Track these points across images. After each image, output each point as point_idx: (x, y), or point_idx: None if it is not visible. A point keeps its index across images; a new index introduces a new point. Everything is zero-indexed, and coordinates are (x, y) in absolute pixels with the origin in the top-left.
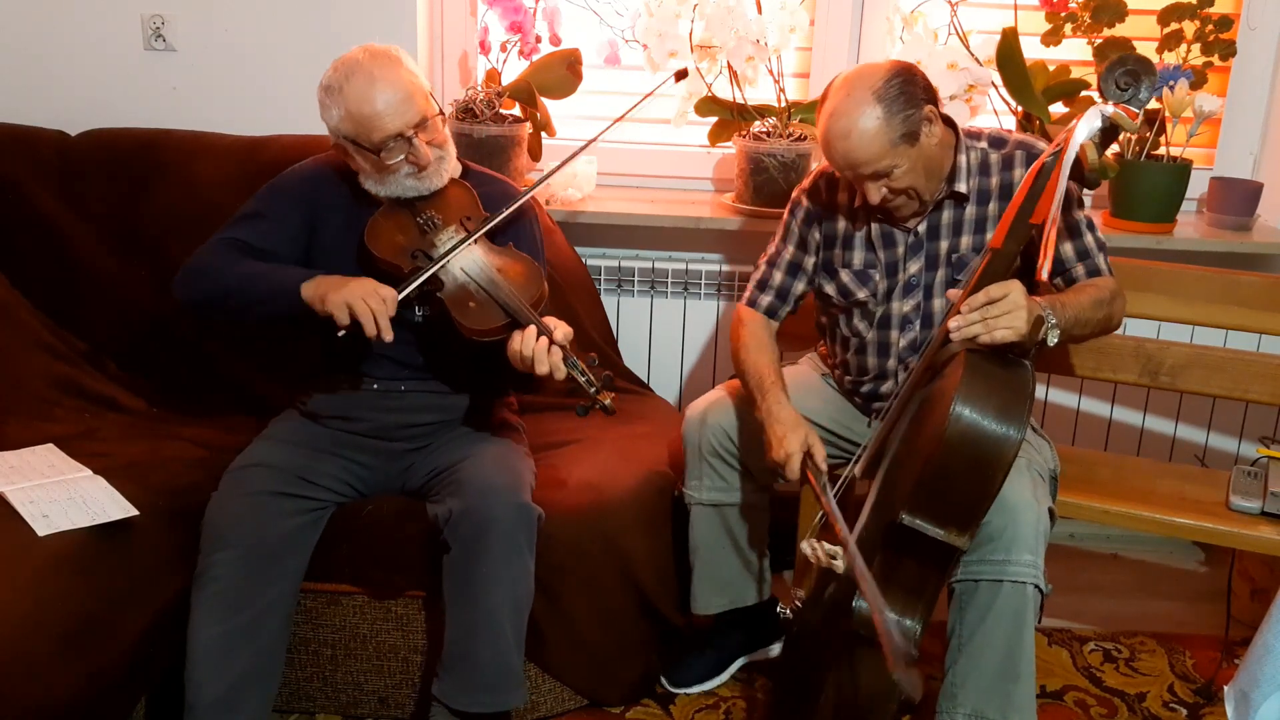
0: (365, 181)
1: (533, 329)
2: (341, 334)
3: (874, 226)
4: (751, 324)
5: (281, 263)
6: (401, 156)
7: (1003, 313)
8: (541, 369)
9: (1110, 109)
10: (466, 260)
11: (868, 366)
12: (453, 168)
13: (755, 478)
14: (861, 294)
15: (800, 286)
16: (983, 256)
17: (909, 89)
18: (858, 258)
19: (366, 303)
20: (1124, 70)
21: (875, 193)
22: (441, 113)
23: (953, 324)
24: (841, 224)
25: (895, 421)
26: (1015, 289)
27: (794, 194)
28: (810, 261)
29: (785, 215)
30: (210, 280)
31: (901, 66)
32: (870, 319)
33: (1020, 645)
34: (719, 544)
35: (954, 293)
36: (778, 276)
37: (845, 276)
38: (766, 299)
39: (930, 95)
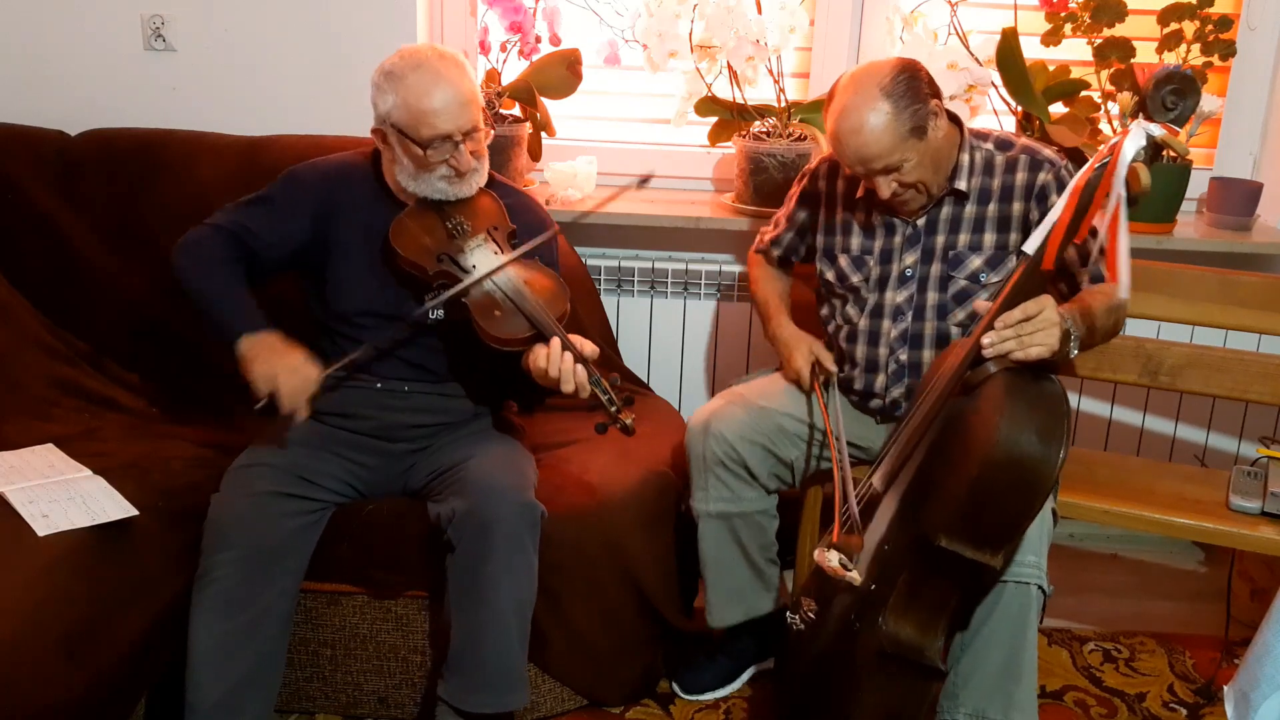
0: (399, 175)
1: (557, 343)
2: (258, 407)
3: (875, 213)
4: (765, 263)
5: (278, 253)
6: (444, 158)
7: (1037, 329)
8: (567, 387)
9: (1159, 130)
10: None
11: (857, 356)
12: (483, 179)
13: (762, 484)
14: (855, 278)
15: (804, 247)
16: (1017, 269)
17: (914, 84)
18: (855, 243)
19: (288, 383)
20: (1170, 88)
21: (886, 188)
22: (490, 127)
23: (986, 339)
24: (841, 210)
25: (920, 434)
26: (1049, 305)
27: (804, 168)
28: (809, 224)
29: (794, 186)
30: (190, 266)
31: (905, 63)
32: (862, 306)
33: (1023, 646)
34: (729, 555)
35: (982, 305)
36: (788, 237)
37: (843, 261)
38: (777, 252)
39: (934, 90)
